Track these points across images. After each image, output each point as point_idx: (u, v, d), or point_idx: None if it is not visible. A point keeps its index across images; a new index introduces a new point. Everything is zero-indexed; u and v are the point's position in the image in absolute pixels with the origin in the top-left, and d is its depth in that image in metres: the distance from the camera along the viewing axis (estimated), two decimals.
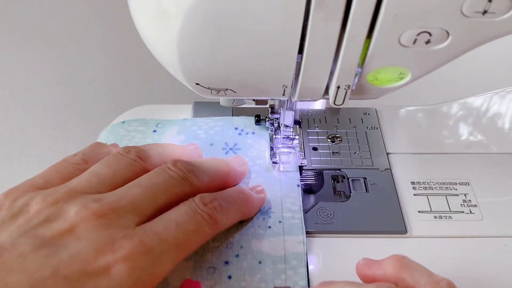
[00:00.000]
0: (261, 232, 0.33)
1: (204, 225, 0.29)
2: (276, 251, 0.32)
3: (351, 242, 0.33)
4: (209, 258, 0.32)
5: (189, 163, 0.32)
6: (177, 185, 0.30)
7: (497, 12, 0.22)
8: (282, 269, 0.32)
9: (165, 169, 0.31)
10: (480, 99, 0.45)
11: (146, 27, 0.27)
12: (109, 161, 0.32)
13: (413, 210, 0.35)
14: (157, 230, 0.27)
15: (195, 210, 0.29)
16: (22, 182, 0.30)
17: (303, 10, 0.22)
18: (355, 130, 0.41)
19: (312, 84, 0.27)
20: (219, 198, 0.31)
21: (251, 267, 0.32)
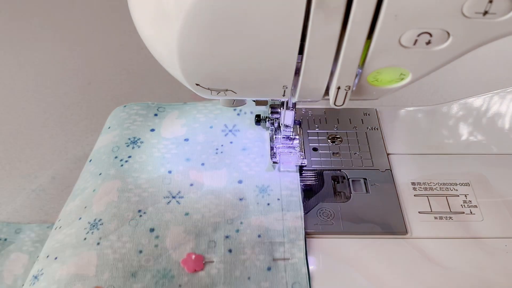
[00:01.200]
0: (260, 209, 0.34)
1: None
2: (275, 225, 0.33)
3: (351, 242, 0.33)
4: (209, 233, 0.32)
5: None
6: None
7: (498, 13, 0.22)
8: (281, 242, 0.32)
9: None
10: (480, 100, 0.45)
11: (146, 27, 0.26)
12: None
13: (413, 210, 0.35)
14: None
15: None
16: None
17: (303, 11, 0.22)
18: (355, 131, 0.41)
19: (313, 84, 0.27)
20: None
21: (251, 241, 0.32)
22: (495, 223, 0.34)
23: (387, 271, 0.31)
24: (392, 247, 0.33)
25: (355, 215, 0.35)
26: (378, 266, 0.31)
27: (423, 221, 0.34)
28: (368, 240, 0.33)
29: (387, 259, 0.32)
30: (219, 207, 0.34)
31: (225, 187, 0.36)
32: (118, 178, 0.35)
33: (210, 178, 0.36)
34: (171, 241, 0.32)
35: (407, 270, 0.31)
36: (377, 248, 0.33)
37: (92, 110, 0.49)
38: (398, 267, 0.32)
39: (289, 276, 0.31)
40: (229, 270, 0.31)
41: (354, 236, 0.33)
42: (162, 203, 0.34)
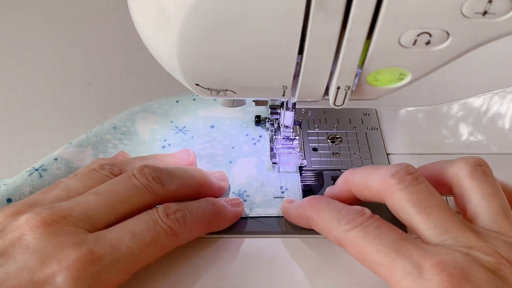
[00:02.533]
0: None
1: (162, 237, 0.28)
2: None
3: None
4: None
5: (157, 170, 0.31)
6: (139, 194, 0.30)
7: (497, 13, 0.22)
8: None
9: (129, 176, 0.30)
10: (480, 100, 0.45)
11: (146, 27, 0.27)
12: (82, 177, 0.32)
13: None
14: (111, 239, 0.27)
15: (156, 220, 0.28)
16: (47, 195, 0.31)
17: (303, 11, 0.22)
18: (355, 131, 0.41)
19: (312, 84, 0.27)
20: (185, 209, 0.30)
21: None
22: None
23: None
24: None
25: None
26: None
27: None
28: None
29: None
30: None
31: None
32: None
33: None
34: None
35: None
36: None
37: (92, 110, 0.49)
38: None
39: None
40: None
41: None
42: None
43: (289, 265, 0.32)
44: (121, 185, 0.30)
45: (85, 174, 0.32)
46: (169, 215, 0.29)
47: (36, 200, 0.30)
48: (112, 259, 0.26)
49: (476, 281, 0.23)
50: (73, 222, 0.27)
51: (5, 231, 0.27)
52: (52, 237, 0.26)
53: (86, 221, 0.28)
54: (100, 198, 0.29)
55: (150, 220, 0.28)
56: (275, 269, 0.32)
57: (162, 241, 0.28)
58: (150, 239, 0.28)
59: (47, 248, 0.26)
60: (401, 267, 0.24)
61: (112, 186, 0.30)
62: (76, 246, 0.26)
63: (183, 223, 0.29)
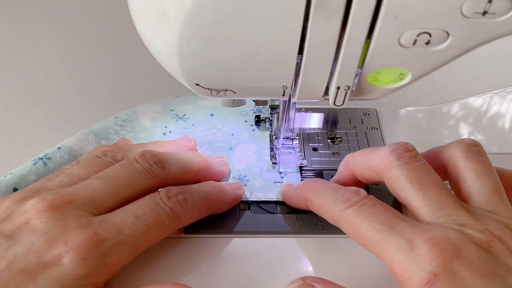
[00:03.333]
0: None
1: (164, 219, 0.29)
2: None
3: (351, 242, 0.33)
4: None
5: (158, 154, 0.33)
6: (141, 178, 0.31)
7: (497, 13, 0.22)
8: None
9: (131, 161, 0.32)
10: (480, 100, 0.45)
11: (146, 28, 0.27)
12: (85, 163, 0.33)
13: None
14: (115, 221, 0.28)
15: (158, 203, 0.30)
16: (51, 181, 0.32)
17: (303, 11, 0.22)
18: (355, 131, 0.41)
19: (312, 84, 0.27)
20: (186, 191, 0.31)
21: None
22: None
23: (387, 270, 0.31)
24: None
25: None
26: (379, 265, 0.31)
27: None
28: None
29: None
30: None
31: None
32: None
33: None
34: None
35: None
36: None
37: (92, 110, 0.49)
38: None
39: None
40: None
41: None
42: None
43: (289, 265, 0.32)
44: (124, 170, 0.31)
45: (88, 161, 0.33)
46: (171, 198, 0.30)
47: (41, 186, 0.31)
48: (117, 241, 0.27)
49: (467, 257, 0.23)
50: (78, 206, 0.28)
51: (12, 216, 0.28)
52: (58, 220, 0.27)
53: (90, 205, 0.29)
54: (103, 183, 0.30)
55: (153, 203, 0.29)
56: (275, 269, 0.32)
57: (164, 222, 0.29)
58: (153, 221, 0.29)
59: (54, 231, 0.27)
60: (394, 244, 0.24)
61: (115, 171, 0.31)
62: (82, 229, 0.27)
63: (185, 205, 0.30)
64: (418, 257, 0.23)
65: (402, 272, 0.24)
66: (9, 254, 0.26)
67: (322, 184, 0.31)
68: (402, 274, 0.24)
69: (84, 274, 0.26)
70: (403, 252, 0.24)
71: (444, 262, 0.23)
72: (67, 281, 0.26)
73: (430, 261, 0.23)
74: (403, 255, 0.24)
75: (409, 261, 0.24)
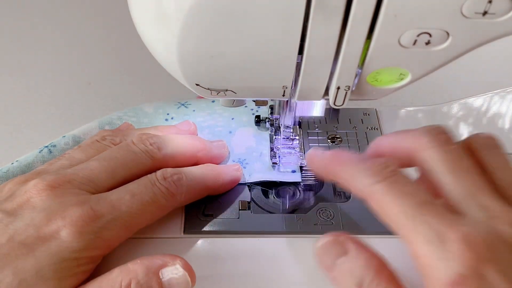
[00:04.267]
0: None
1: (160, 197, 0.31)
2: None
3: None
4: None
5: (154, 136, 0.34)
6: (137, 159, 0.32)
7: (497, 13, 0.22)
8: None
9: (129, 143, 0.33)
10: (480, 100, 0.45)
11: (146, 27, 0.27)
12: (85, 147, 0.34)
13: None
14: (112, 199, 0.29)
15: (154, 183, 0.31)
16: (53, 165, 0.33)
17: (303, 11, 0.22)
18: (355, 131, 0.41)
19: (312, 85, 0.27)
20: (182, 172, 0.32)
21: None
22: None
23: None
24: (392, 246, 0.33)
25: (355, 215, 0.35)
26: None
27: None
28: (368, 239, 0.33)
29: (387, 258, 0.32)
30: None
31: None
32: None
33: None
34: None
35: (407, 269, 0.31)
36: (377, 248, 0.33)
37: (92, 110, 0.49)
38: (398, 266, 0.32)
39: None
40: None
41: (354, 236, 0.33)
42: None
43: (289, 265, 0.32)
44: (121, 152, 0.32)
45: (87, 145, 0.35)
46: (167, 178, 0.31)
47: (43, 169, 0.32)
48: (113, 217, 0.29)
49: (498, 260, 0.22)
50: (76, 186, 0.30)
51: (14, 195, 0.29)
52: (57, 198, 0.28)
53: (88, 184, 0.30)
54: (101, 164, 0.31)
55: (149, 182, 0.31)
56: (275, 269, 0.32)
57: (160, 201, 0.31)
58: (148, 199, 0.30)
59: (53, 207, 0.28)
60: (423, 234, 0.23)
61: (112, 153, 0.32)
62: (79, 205, 0.28)
63: (180, 185, 0.32)
64: (447, 254, 0.22)
65: (427, 265, 0.23)
66: (10, 229, 0.27)
67: (350, 155, 0.28)
68: (426, 266, 0.23)
69: (81, 247, 0.27)
70: (431, 244, 0.23)
71: (474, 264, 0.22)
72: (65, 253, 0.27)
73: (459, 261, 0.22)
74: (431, 248, 0.23)
75: (437, 256, 0.22)
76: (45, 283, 0.26)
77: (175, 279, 0.28)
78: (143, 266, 0.27)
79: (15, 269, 0.26)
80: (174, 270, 0.28)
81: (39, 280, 0.26)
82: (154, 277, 0.27)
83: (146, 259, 0.28)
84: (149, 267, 0.27)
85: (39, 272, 0.26)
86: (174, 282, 0.28)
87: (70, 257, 0.27)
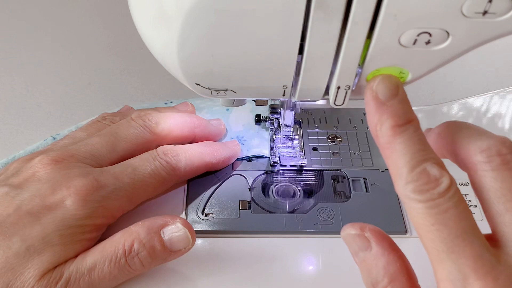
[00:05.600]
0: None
1: (161, 171, 0.32)
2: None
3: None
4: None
5: (153, 113, 0.36)
6: (137, 133, 0.34)
7: (498, 12, 0.22)
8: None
9: (128, 119, 0.35)
10: (480, 99, 0.45)
11: (146, 27, 0.27)
12: (86, 127, 0.36)
13: None
14: (115, 171, 0.31)
15: (155, 157, 0.33)
16: (56, 145, 0.35)
17: (303, 11, 0.22)
18: (355, 130, 0.41)
19: (312, 84, 0.27)
20: (181, 149, 0.34)
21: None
22: None
23: None
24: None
25: (355, 214, 0.35)
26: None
27: None
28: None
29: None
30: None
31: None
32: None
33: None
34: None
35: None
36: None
37: (92, 110, 0.49)
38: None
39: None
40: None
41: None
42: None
43: (289, 265, 0.32)
44: (120, 127, 0.34)
45: (89, 125, 0.36)
46: (167, 154, 0.33)
47: (47, 148, 0.34)
48: (116, 187, 0.30)
49: None
50: (80, 159, 0.31)
51: (20, 171, 0.31)
52: (61, 170, 0.30)
53: (91, 158, 0.32)
54: (102, 139, 0.33)
55: (150, 157, 0.33)
56: (275, 269, 0.32)
57: (161, 174, 0.32)
58: (150, 171, 0.32)
59: (57, 178, 0.30)
60: (447, 270, 0.22)
61: (112, 129, 0.34)
62: (83, 176, 0.30)
63: (180, 160, 0.34)
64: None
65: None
66: (17, 200, 0.29)
67: (407, 138, 0.23)
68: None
69: (85, 215, 0.29)
70: (452, 284, 0.21)
71: None
72: (70, 220, 0.28)
73: None
74: (451, 286, 0.22)
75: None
76: (52, 248, 0.28)
77: (176, 236, 0.29)
78: (144, 227, 0.29)
79: (23, 236, 0.27)
80: (175, 228, 0.29)
81: (46, 245, 0.28)
82: (156, 237, 0.29)
83: (148, 221, 0.29)
84: (150, 227, 0.29)
85: (45, 238, 0.28)
86: (175, 239, 0.29)
87: (75, 224, 0.29)
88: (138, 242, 0.28)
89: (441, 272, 0.22)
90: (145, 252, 0.28)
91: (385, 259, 0.24)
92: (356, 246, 0.26)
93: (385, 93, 0.24)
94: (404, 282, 0.24)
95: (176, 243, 0.29)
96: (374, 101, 0.24)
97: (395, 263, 0.24)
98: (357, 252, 0.26)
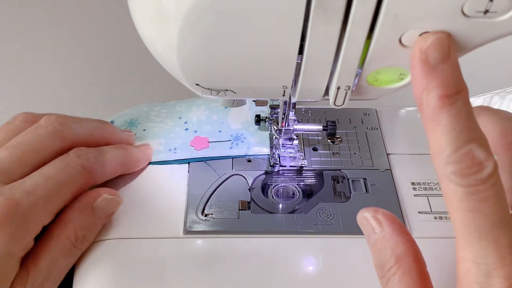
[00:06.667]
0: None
1: (76, 175, 0.31)
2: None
3: (351, 242, 0.33)
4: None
5: (63, 116, 0.34)
6: (47, 141, 0.32)
7: (498, 11, 0.22)
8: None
9: (36, 126, 0.32)
10: (480, 100, 0.45)
11: (146, 27, 0.26)
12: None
13: (413, 210, 0.35)
14: (25, 186, 0.29)
15: (68, 162, 0.31)
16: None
17: (303, 11, 0.22)
18: (355, 131, 0.41)
19: (312, 84, 0.27)
20: (95, 151, 0.33)
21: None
22: None
23: None
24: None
25: (355, 215, 0.35)
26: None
27: (423, 221, 0.34)
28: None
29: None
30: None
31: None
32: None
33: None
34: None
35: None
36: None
37: (92, 110, 0.49)
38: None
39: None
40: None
41: (354, 236, 0.33)
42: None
43: (289, 265, 0.32)
44: (29, 136, 0.31)
45: (1, 127, 0.33)
46: (80, 156, 0.32)
47: None
48: (30, 203, 0.28)
49: None
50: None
51: None
52: None
53: (1, 175, 0.29)
54: (10, 152, 0.30)
55: (62, 163, 0.31)
56: (275, 269, 0.32)
57: (76, 179, 0.31)
58: (64, 179, 0.30)
59: None
60: (474, 253, 0.21)
61: (20, 139, 0.31)
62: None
63: (95, 162, 0.32)
64: (487, 286, 0.21)
65: (465, 279, 0.22)
66: None
67: (453, 118, 0.22)
68: (465, 279, 0.22)
69: (6, 240, 0.26)
70: (477, 269, 0.22)
71: None
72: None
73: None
74: (475, 271, 0.22)
75: (478, 281, 0.22)
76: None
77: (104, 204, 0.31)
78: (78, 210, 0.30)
79: None
80: (103, 200, 0.31)
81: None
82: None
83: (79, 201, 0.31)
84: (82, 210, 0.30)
85: None
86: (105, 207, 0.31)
87: (5, 258, 0.27)
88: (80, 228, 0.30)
89: (467, 253, 0.22)
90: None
91: (394, 240, 0.25)
92: (370, 227, 0.27)
93: (436, 57, 0.21)
94: (411, 263, 0.25)
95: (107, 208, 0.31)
96: (423, 65, 0.21)
97: (402, 245, 0.25)
98: (370, 234, 0.26)
